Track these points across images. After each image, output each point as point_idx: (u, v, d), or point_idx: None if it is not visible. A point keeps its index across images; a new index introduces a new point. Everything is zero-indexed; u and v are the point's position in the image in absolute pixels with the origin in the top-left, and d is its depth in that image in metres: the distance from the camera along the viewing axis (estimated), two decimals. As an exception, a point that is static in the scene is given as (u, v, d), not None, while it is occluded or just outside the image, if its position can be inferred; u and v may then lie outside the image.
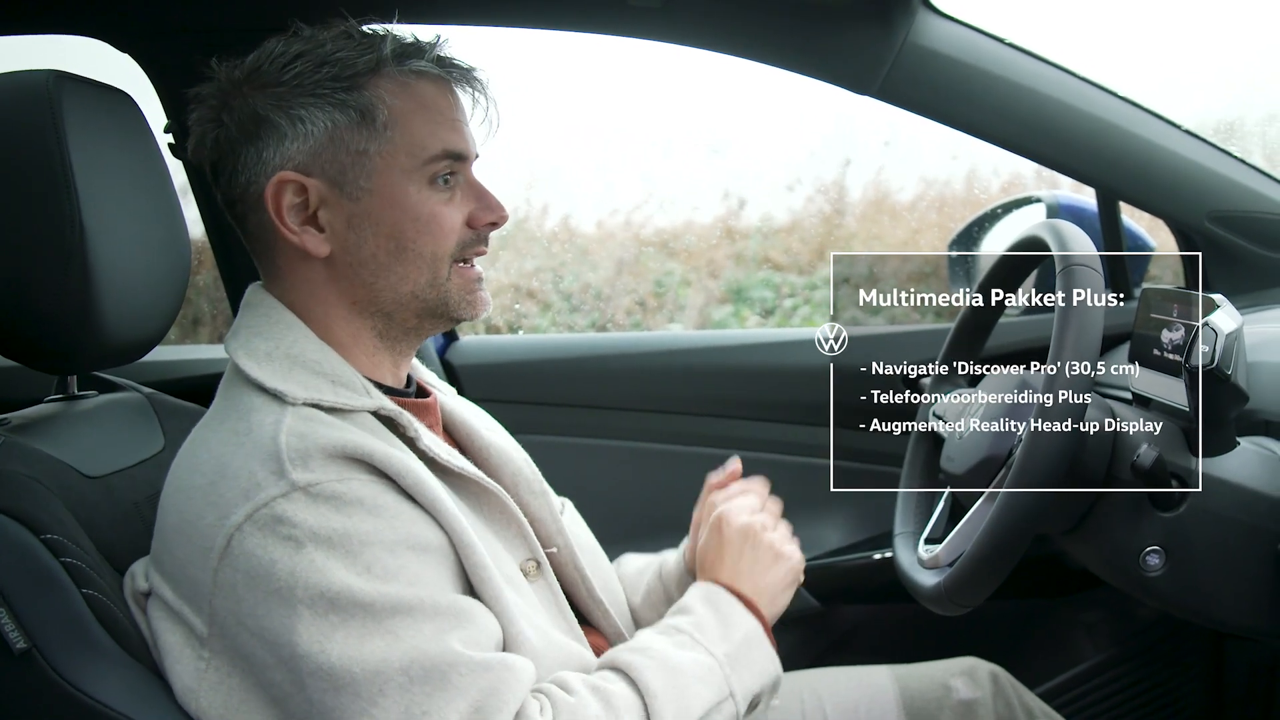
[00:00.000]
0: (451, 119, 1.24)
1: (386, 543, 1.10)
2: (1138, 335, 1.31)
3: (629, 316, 4.02)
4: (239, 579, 1.08)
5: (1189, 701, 2.01)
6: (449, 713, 1.07)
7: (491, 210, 1.26)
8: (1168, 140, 1.79)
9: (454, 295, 1.25)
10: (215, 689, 1.11)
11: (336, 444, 1.11)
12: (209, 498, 1.11)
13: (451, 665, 1.08)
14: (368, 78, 1.20)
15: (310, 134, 1.20)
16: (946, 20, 1.75)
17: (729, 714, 1.21)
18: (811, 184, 4.10)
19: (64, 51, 1.74)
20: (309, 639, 1.06)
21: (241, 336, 1.22)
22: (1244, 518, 1.22)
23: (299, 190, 1.20)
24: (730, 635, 1.25)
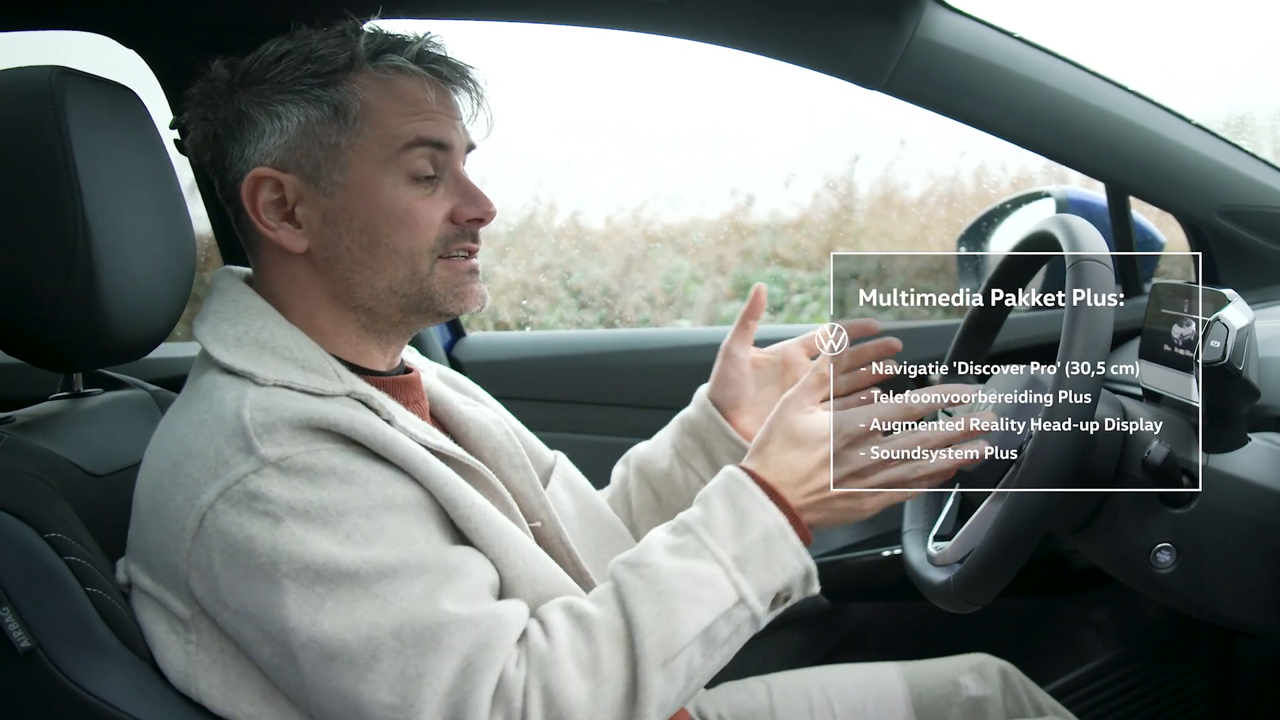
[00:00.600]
0: (429, 110, 1.23)
1: (363, 508, 1.10)
2: (1148, 331, 1.31)
3: (637, 313, 4.02)
4: (215, 558, 1.08)
5: (1198, 699, 2.00)
6: (443, 670, 1.06)
7: (475, 205, 1.25)
8: (1178, 135, 1.78)
9: (438, 290, 1.24)
10: (208, 670, 1.11)
11: (301, 415, 1.11)
12: (176, 479, 1.11)
13: (441, 625, 1.07)
14: (345, 74, 1.22)
15: (285, 129, 1.21)
16: (955, 14, 1.74)
17: (742, 618, 1.15)
18: (820, 180, 4.09)
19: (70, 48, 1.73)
20: (298, 612, 1.06)
21: (210, 321, 1.22)
22: (1255, 514, 1.21)
23: (275, 187, 1.22)
24: (744, 534, 1.17)
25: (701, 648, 1.13)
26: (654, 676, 1.10)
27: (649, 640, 1.11)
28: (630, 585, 1.14)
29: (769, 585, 1.16)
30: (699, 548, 1.16)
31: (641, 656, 1.10)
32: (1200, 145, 1.79)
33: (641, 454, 1.55)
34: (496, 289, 3.75)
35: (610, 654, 1.11)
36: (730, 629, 1.14)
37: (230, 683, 1.11)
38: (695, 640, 1.12)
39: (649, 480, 1.53)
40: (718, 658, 1.15)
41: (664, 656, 1.11)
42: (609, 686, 1.10)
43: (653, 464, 1.53)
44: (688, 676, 1.13)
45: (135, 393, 1.47)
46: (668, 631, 1.11)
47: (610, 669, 1.10)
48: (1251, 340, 1.18)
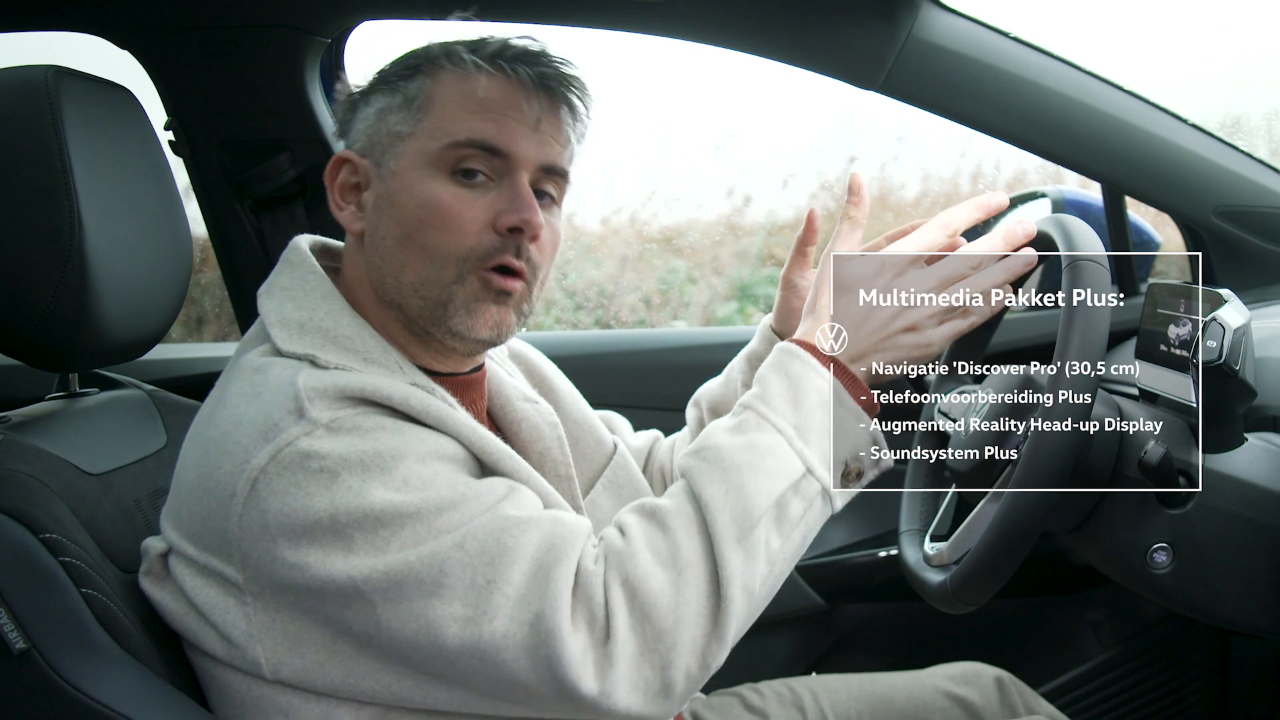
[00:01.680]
0: (492, 111, 1.19)
1: (418, 454, 1.10)
2: (1144, 331, 1.31)
3: (633, 314, 4.01)
4: (270, 520, 1.07)
5: (1195, 699, 2.00)
6: (513, 574, 1.06)
7: (516, 212, 1.18)
8: (1174, 135, 1.78)
9: (456, 301, 1.19)
10: (269, 630, 1.10)
11: (355, 385, 1.12)
12: (224, 447, 1.11)
13: (503, 529, 1.07)
14: (423, 66, 1.22)
15: (368, 116, 1.24)
16: (951, 14, 1.75)
17: (813, 491, 1.14)
18: (816, 181, 4.09)
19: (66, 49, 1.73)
20: (364, 557, 1.06)
21: (277, 299, 1.23)
22: (1252, 514, 1.21)
23: (352, 170, 1.24)
24: (801, 402, 1.15)
25: (776, 524, 1.12)
26: (733, 555, 1.09)
27: (721, 518, 1.10)
28: (696, 470, 1.14)
29: (835, 452, 1.15)
30: (758, 421, 1.15)
31: (717, 536, 1.09)
32: (1196, 145, 1.79)
33: (713, 393, 1.54)
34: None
35: (686, 540, 1.10)
36: (803, 504, 1.13)
37: (292, 636, 1.10)
38: (768, 513, 1.11)
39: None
40: (795, 539, 1.14)
41: (739, 532, 1.09)
42: (690, 573, 1.09)
43: (726, 402, 1.51)
44: (768, 558, 1.11)
45: (131, 392, 1.47)
46: (739, 506, 1.10)
47: (689, 555, 1.09)
48: (1248, 340, 1.18)
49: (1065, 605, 2.10)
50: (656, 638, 1.07)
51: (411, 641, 1.07)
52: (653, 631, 1.07)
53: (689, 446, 1.17)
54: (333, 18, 1.79)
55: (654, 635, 1.07)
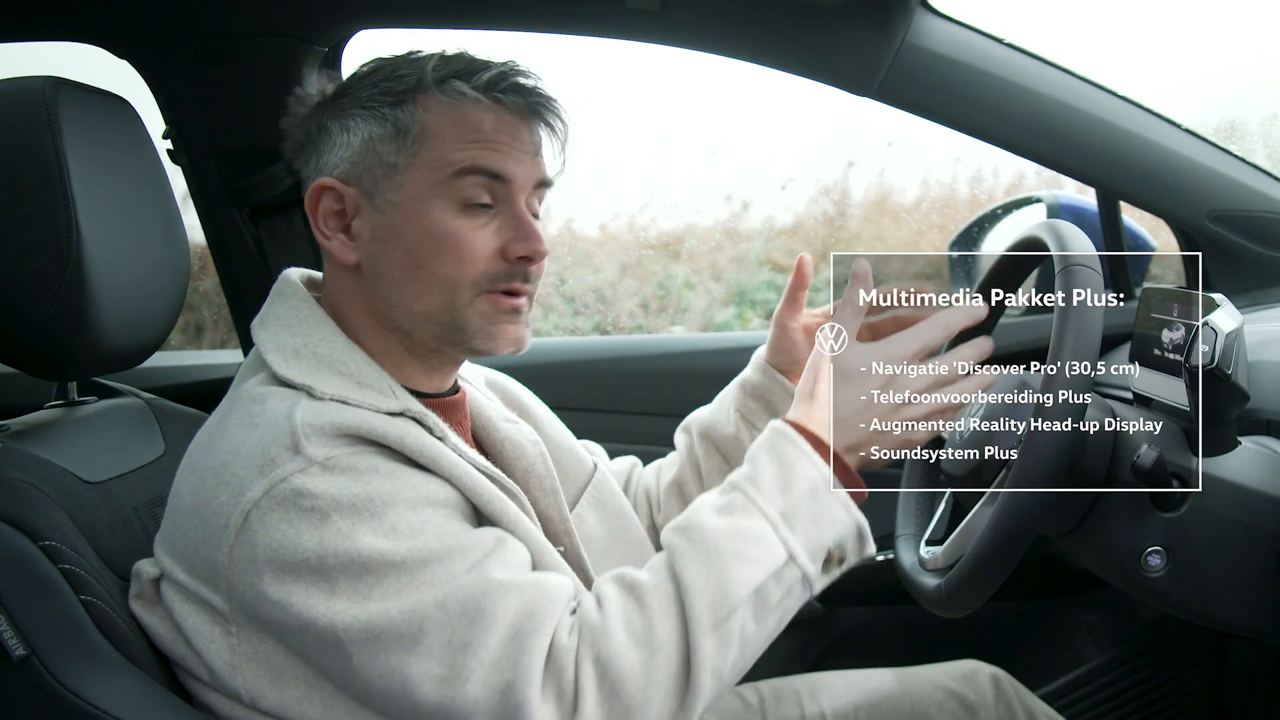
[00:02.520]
0: (491, 140, 1.22)
1: (408, 500, 1.11)
2: (1138, 335, 1.31)
3: (632, 319, 4.02)
4: (259, 554, 1.08)
5: (1191, 702, 2.00)
6: (489, 639, 1.07)
7: (526, 242, 1.23)
8: (1168, 139, 1.78)
9: (473, 324, 1.23)
10: (252, 661, 1.12)
11: (351, 423, 1.13)
12: (221, 477, 1.12)
13: (485, 593, 1.08)
14: (412, 94, 1.22)
15: (351, 143, 1.23)
16: (945, 21, 1.75)
17: (794, 578, 1.14)
18: (814, 186, 4.09)
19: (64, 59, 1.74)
20: (346, 602, 1.07)
21: (271, 328, 1.24)
22: (1245, 518, 1.21)
23: (337, 198, 1.24)
24: (790, 488, 1.16)
25: (753, 611, 1.12)
26: (706, 640, 1.09)
27: (699, 603, 1.10)
28: (679, 549, 1.14)
29: (818, 541, 1.15)
30: (745, 504, 1.15)
31: (692, 621, 1.09)
32: (1190, 150, 1.79)
33: (704, 420, 1.55)
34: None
35: (662, 621, 1.10)
36: (781, 590, 1.13)
37: (275, 669, 1.12)
38: (746, 601, 1.11)
39: (716, 445, 1.53)
40: (770, 623, 1.14)
41: (715, 619, 1.10)
42: (662, 655, 1.09)
43: (717, 429, 1.53)
44: (741, 643, 1.12)
45: (130, 400, 1.47)
46: (718, 593, 1.10)
47: (662, 637, 1.09)
48: (1240, 344, 1.18)
49: (1061, 608, 2.10)
50: (624, 714, 1.08)
51: (386, 693, 1.08)
52: (620, 708, 1.08)
53: (675, 521, 1.18)
54: (329, 27, 1.79)
55: (621, 712, 1.08)
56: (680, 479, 1.55)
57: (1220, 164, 1.80)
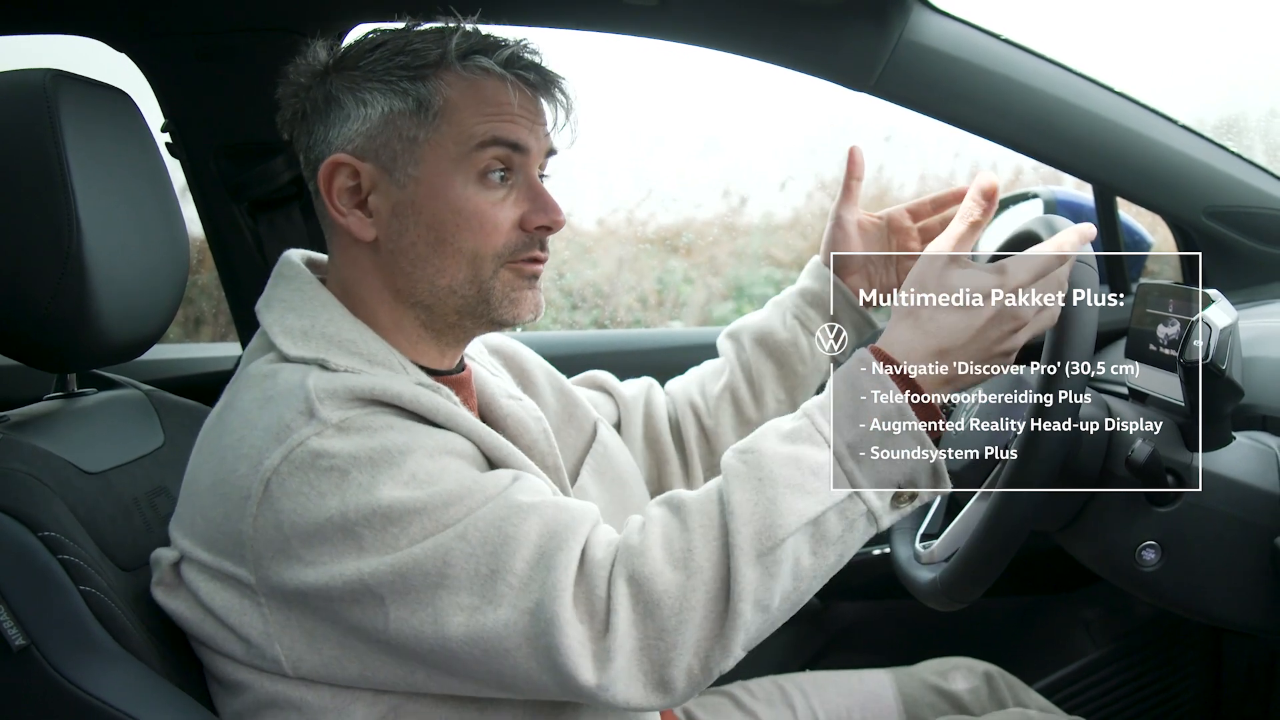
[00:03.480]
0: (510, 113, 1.23)
1: (426, 449, 1.11)
2: (1134, 331, 1.32)
3: (630, 314, 4.02)
4: (284, 519, 1.08)
5: (1187, 697, 2.01)
6: (515, 562, 1.07)
7: (545, 212, 1.24)
8: (1164, 136, 1.79)
9: (497, 295, 1.24)
10: (285, 628, 1.11)
11: (365, 387, 1.13)
12: (239, 451, 1.12)
13: (505, 518, 1.09)
14: (434, 69, 1.22)
15: (369, 117, 1.22)
16: (942, 16, 1.75)
17: (858, 513, 1.10)
18: (812, 180, 4.09)
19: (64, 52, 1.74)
20: (374, 556, 1.07)
21: (276, 310, 1.24)
22: (1240, 513, 1.22)
23: (352, 174, 1.23)
24: (862, 417, 1.11)
25: (809, 542, 1.09)
26: (749, 569, 1.06)
27: (744, 530, 1.07)
28: (733, 470, 1.11)
29: (888, 475, 1.11)
30: (811, 432, 1.12)
31: (735, 547, 1.07)
32: (1186, 146, 1.79)
33: (756, 327, 1.57)
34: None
35: (703, 544, 1.08)
36: (843, 524, 1.10)
37: (308, 631, 1.11)
38: (799, 533, 1.08)
39: (769, 352, 1.55)
40: (830, 557, 1.10)
41: (760, 548, 1.07)
42: (700, 578, 1.07)
43: (772, 335, 1.54)
44: (794, 575, 1.09)
45: (129, 392, 1.48)
46: (766, 521, 1.07)
47: (701, 559, 1.07)
48: (1235, 340, 1.18)
49: (1058, 603, 2.11)
50: (658, 634, 1.07)
51: (417, 635, 1.08)
52: (655, 628, 1.07)
53: (739, 443, 1.15)
54: (329, 21, 1.79)
55: (656, 632, 1.07)
56: (732, 384, 1.56)
57: (1217, 160, 1.80)
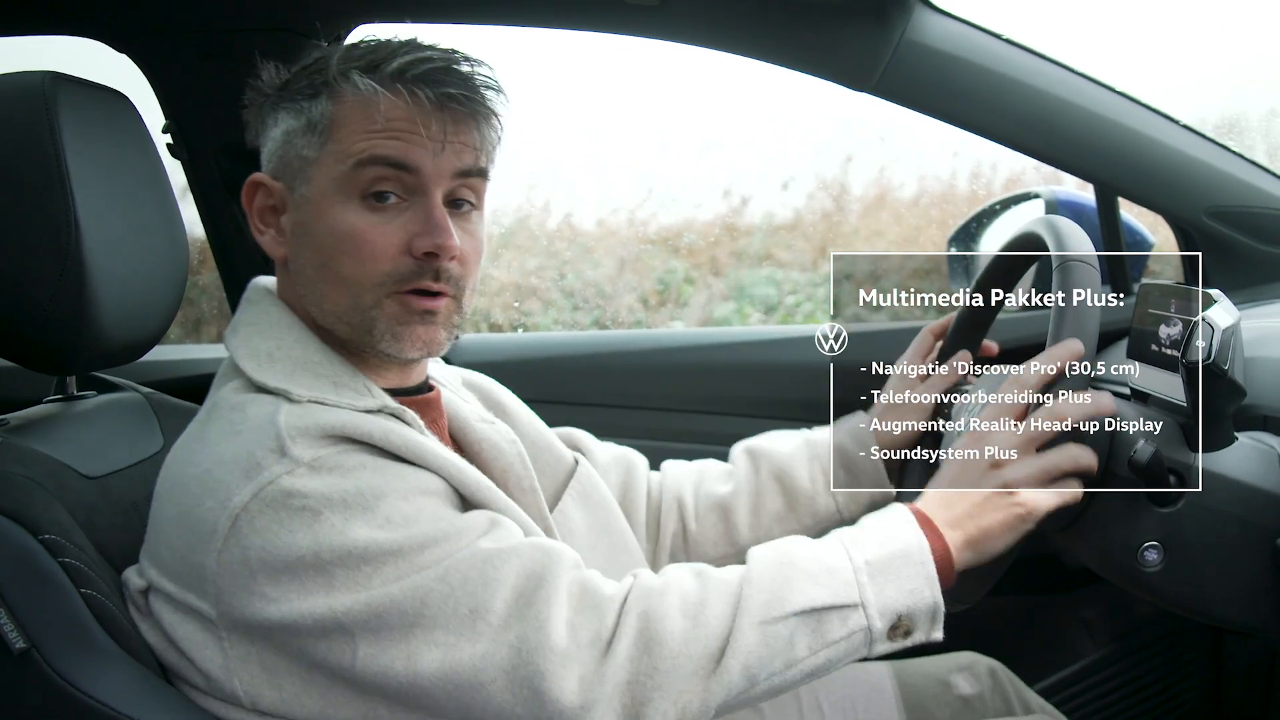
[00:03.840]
0: (395, 129, 1.17)
1: (400, 491, 1.11)
2: (1136, 331, 1.31)
3: (631, 314, 4.02)
4: (251, 556, 1.07)
5: (1188, 697, 2.01)
6: (495, 602, 1.07)
7: (429, 236, 1.17)
8: (1166, 136, 1.79)
9: (380, 327, 1.19)
10: (245, 662, 1.11)
11: (335, 424, 1.12)
12: (206, 484, 1.11)
13: (486, 560, 1.09)
14: (325, 88, 1.20)
15: (274, 138, 1.23)
16: (943, 16, 1.75)
17: (858, 625, 1.13)
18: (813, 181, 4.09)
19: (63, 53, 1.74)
20: (345, 593, 1.07)
21: (242, 334, 1.23)
22: (1242, 513, 1.22)
23: (267, 192, 1.24)
24: (885, 544, 1.16)
25: (809, 633, 1.12)
26: (750, 632, 1.10)
27: (756, 596, 1.11)
28: (756, 553, 1.17)
29: (892, 600, 1.14)
30: (836, 545, 1.17)
31: (743, 610, 1.11)
32: (1188, 146, 1.79)
33: (779, 460, 1.55)
34: (491, 290, 3.75)
35: (716, 600, 1.12)
36: (843, 631, 1.13)
37: (269, 667, 1.11)
38: (805, 616, 1.12)
39: (784, 490, 1.54)
40: (821, 658, 1.13)
41: (765, 616, 1.11)
42: (704, 631, 1.10)
43: (793, 479, 1.53)
44: (786, 660, 1.12)
45: (129, 395, 1.47)
46: (777, 594, 1.12)
47: (711, 614, 1.11)
48: (1237, 340, 1.18)
49: (1058, 603, 2.10)
50: (650, 672, 1.09)
51: (385, 671, 1.07)
52: (649, 665, 1.09)
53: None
54: (330, 22, 1.79)
55: (648, 669, 1.09)
56: (732, 501, 1.54)
57: (1219, 160, 1.80)
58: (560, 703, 1.06)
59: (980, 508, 1.19)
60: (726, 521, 1.54)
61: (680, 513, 1.56)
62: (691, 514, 1.55)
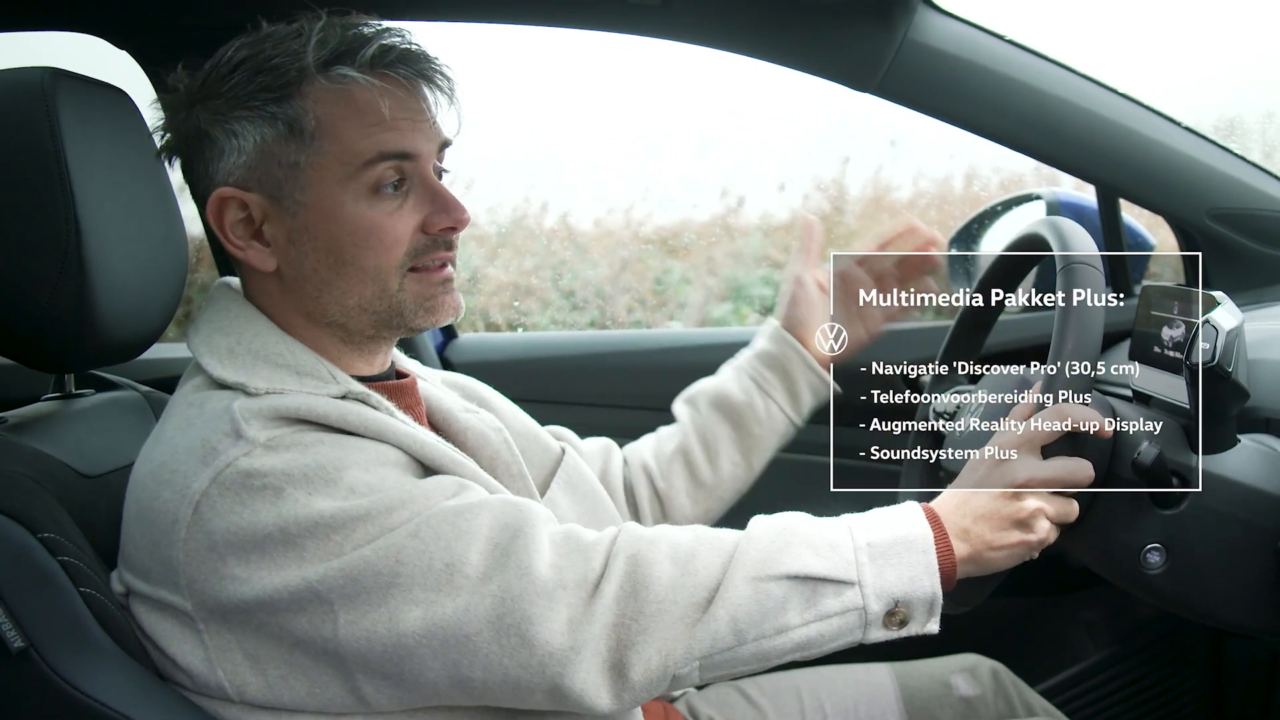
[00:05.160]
0: (389, 120, 1.17)
1: (360, 463, 1.10)
2: (1138, 333, 1.31)
3: (629, 314, 4.02)
4: (217, 540, 1.07)
5: (1189, 699, 2.01)
6: (470, 554, 1.07)
7: (447, 213, 1.21)
8: (1168, 137, 1.79)
9: (409, 305, 1.21)
10: (226, 653, 1.10)
11: (290, 407, 1.12)
12: (160, 477, 1.11)
13: (458, 514, 1.09)
14: (297, 87, 1.17)
15: (243, 149, 1.18)
16: (946, 17, 1.75)
17: (853, 604, 1.12)
18: (810, 182, 4.09)
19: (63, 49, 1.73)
20: (317, 562, 1.06)
21: (203, 332, 1.22)
22: (1244, 515, 1.22)
23: (241, 206, 1.20)
24: (889, 529, 1.16)
25: (801, 600, 1.11)
26: (741, 584, 1.10)
27: (752, 552, 1.12)
28: (758, 520, 1.17)
29: (890, 584, 1.13)
30: (839, 524, 1.17)
31: (736, 562, 1.11)
32: (1189, 148, 1.79)
33: (712, 391, 1.58)
34: (488, 290, 3.74)
35: (707, 554, 1.12)
36: (838, 606, 1.12)
37: (250, 653, 1.10)
38: (799, 582, 1.11)
39: (725, 414, 1.56)
40: (811, 631, 1.12)
41: (758, 573, 1.11)
42: (692, 580, 1.10)
43: (729, 398, 1.56)
44: (777, 625, 1.11)
45: (127, 394, 1.47)
46: (774, 554, 1.12)
47: (700, 564, 1.11)
48: (1240, 342, 1.18)
49: (1060, 605, 2.11)
50: (635, 615, 1.08)
51: (369, 636, 1.07)
52: (634, 608, 1.09)
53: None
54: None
55: (634, 612, 1.09)
56: (685, 446, 1.57)
57: (1220, 162, 1.81)
58: (550, 645, 1.06)
59: (989, 525, 1.19)
60: (689, 469, 1.56)
61: (648, 477, 1.58)
62: (658, 474, 1.58)
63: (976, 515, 1.19)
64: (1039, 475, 1.19)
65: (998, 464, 1.21)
